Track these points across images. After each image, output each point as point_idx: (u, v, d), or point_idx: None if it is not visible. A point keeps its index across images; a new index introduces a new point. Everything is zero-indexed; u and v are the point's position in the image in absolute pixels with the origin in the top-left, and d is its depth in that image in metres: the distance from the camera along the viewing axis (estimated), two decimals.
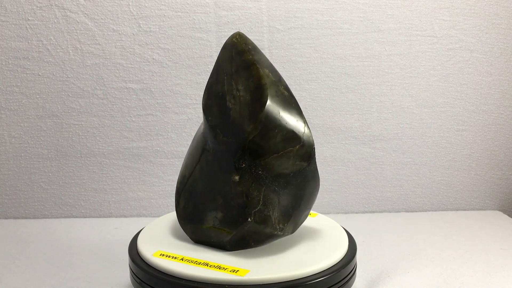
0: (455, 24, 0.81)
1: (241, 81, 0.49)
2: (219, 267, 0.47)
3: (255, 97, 0.48)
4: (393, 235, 0.74)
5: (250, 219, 0.48)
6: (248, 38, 0.51)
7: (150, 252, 0.50)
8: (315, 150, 0.50)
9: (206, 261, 0.48)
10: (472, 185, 0.87)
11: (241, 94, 0.49)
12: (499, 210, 0.88)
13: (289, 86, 0.83)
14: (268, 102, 0.48)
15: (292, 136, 0.48)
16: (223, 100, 0.50)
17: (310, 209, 0.53)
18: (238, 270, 0.46)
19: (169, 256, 0.49)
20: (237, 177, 0.48)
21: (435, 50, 0.82)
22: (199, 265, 0.47)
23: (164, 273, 0.46)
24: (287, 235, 0.51)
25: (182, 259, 0.48)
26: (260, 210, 0.48)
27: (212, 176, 0.51)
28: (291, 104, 0.50)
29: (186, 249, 0.51)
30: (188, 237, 0.53)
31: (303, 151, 0.49)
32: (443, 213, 0.86)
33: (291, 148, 0.48)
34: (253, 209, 0.48)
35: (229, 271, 0.46)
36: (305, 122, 0.50)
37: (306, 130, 0.49)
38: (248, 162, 0.48)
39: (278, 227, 0.49)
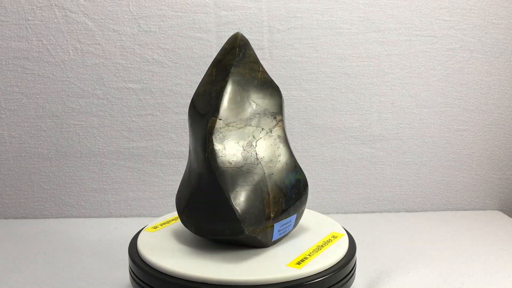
0: (455, 24, 0.81)
1: None
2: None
3: None
4: (393, 235, 0.74)
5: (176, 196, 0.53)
6: (238, 39, 0.51)
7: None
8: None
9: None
10: (472, 185, 0.87)
11: None
12: (499, 210, 0.88)
13: (289, 86, 0.83)
14: (194, 99, 0.51)
15: (200, 136, 0.49)
16: None
17: (221, 227, 0.48)
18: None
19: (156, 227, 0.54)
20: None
21: (435, 50, 0.82)
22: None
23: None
24: (190, 230, 0.51)
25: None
26: (180, 191, 0.53)
27: None
28: (210, 106, 0.49)
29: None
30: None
31: (203, 155, 0.48)
32: (443, 213, 0.86)
33: (200, 148, 0.49)
34: (179, 188, 0.53)
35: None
36: (211, 127, 0.48)
37: (213, 136, 0.48)
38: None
39: (180, 215, 0.51)
